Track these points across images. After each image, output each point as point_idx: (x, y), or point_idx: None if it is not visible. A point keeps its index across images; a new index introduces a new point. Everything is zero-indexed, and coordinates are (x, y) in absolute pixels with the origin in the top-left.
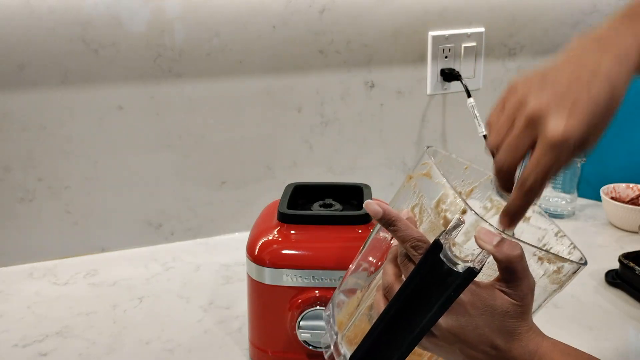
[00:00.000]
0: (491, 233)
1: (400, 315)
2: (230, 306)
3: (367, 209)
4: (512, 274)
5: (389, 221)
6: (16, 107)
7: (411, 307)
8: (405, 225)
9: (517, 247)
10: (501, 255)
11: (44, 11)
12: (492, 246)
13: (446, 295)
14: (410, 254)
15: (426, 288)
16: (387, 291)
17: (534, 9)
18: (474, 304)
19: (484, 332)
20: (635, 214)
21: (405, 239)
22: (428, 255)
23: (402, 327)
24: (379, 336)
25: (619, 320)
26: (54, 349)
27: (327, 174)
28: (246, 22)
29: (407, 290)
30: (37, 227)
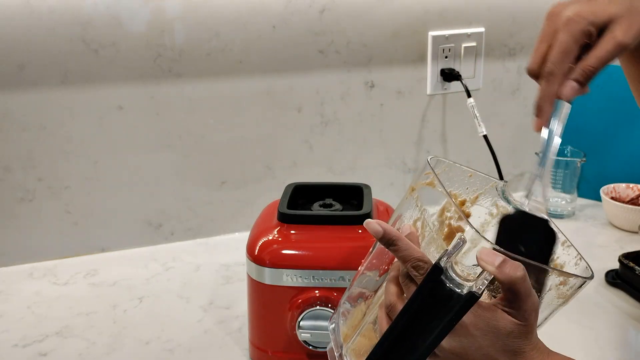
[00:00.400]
0: (493, 253)
1: (403, 337)
2: (230, 306)
3: (368, 229)
4: (515, 295)
5: (390, 241)
6: (16, 107)
7: (413, 330)
8: (406, 245)
9: (520, 268)
10: (503, 276)
11: (44, 11)
12: (494, 267)
13: (448, 318)
14: (411, 274)
15: (427, 311)
16: (389, 310)
17: (534, 9)
18: (477, 325)
19: (488, 352)
20: (635, 214)
21: (406, 259)
22: (429, 278)
23: (405, 349)
24: (383, 354)
25: (619, 320)
26: (54, 349)
27: (327, 174)
28: (246, 22)
29: (408, 313)
30: (37, 227)
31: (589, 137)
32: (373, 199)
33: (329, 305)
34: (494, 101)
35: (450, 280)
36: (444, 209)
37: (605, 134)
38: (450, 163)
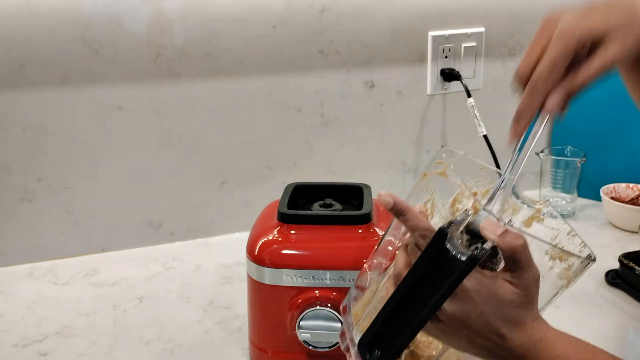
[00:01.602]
0: (495, 224)
1: (407, 298)
2: (230, 306)
3: (380, 200)
4: (516, 263)
5: (399, 211)
6: (16, 107)
7: (417, 291)
8: (414, 215)
9: (521, 237)
10: (505, 244)
11: (44, 11)
12: (496, 236)
13: (450, 281)
14: (418, 242)
15: (431, 273)
16: (397, 278)
17: (534, 9)
18: (479, 292)
19: (489, 319)
20: (635, 214)
21: (414, 228)
22: (433, 242)
23: (409, 310)
24: (387, 319)
25: (619, 320)
26: (54, 349)
27: (327, 174)
28: (246, 22)
29: (413, 275)
30: (37, 227)
31: (589, 137)
32: (373, 199)
33: (329, 305)
34: (494, 101)
35: (453, 247)
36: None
37: (605, 134)
38: (462, 155)
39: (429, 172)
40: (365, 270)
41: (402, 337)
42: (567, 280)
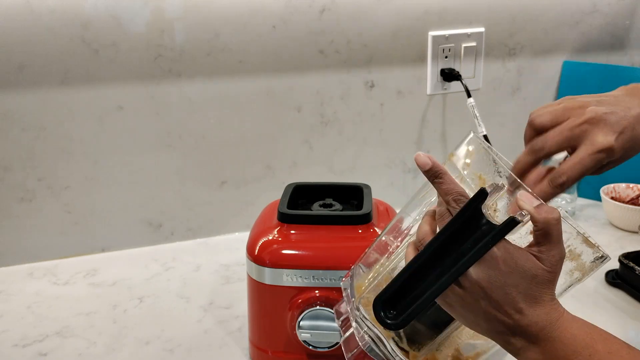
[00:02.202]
0: (532, 196)
1: (432, 259)
2: (230, 306)
3: (417, 161)
4: (547, 238)
5: (437, 173)
6: (16, 107)
7: (444, 252)
8: (450, 179)
9: (556, 211)
10: (540, 216)
11: (44, 11)
12: (532, 207)
13: (481, 244)
14: (451, 207)
15: (462, 235)
16: (420, 244)
17: (534, 9)
18: (506, 261)
19: (510, 291)
20: (635, 214)
21: (449, 191)
22: (471, 203)
23: (433, 270)
24: (408, 279)
25: (619, 320)
26: (54, 349)
27: (327, 174)
28: (246, 22)
29: (442, 236)
30: (37, 227)
31: None
32: (373, 199)
33: (329, 305)
34: (494, 101)
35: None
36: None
37: None
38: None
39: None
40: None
41: (420, 301)
42: (582, 273)
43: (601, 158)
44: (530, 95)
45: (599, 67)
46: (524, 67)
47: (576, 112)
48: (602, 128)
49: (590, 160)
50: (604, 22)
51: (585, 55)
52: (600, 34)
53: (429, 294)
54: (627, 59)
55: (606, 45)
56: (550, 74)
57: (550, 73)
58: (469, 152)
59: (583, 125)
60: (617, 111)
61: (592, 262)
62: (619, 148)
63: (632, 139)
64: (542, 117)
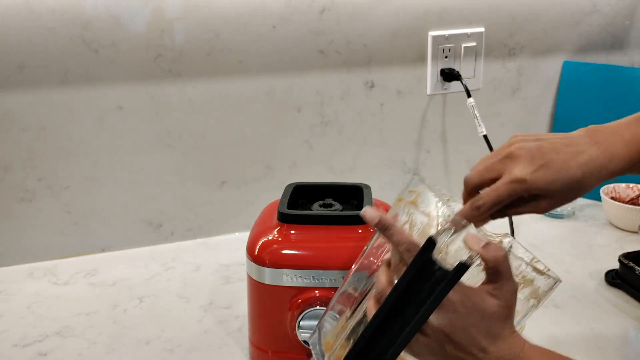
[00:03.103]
0: (477, 237)
1: (393, 311)
2: (230, 306)
3: (365, 216)
4: (498, 275)
5: (384, 226)
6: (16, 107)
7: (403, 304)
8: (399, 230)
9: (502, 249)
10: (489, 255)
11: (44, 11)
12: (480, 248)
13: (438, 290)
14: (403, 257)
15: (418, 285)
16: (379, 296)
17: (534, 9)
18: (464, 303)
19: (472, 332)
20: (635, 214)
21: (400, 242)
22: (421, 253)
23: (395, 324)
24: (372, 335)
25: (619, 320)
26: (54, 349)
27: (327, 174)
28: (246, 22)
29: (399, 288)
30: (37, 227)
31: None
32: (373, 199)
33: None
34: (494, 101)
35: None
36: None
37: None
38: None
39: (403, 198)
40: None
41: (388, 354)
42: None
43: (514, 188)
44: (530, 95)
45: (599, 67)
46: (524, 67)
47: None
48: (521, 162)
49: (505, 189)
50: (604, 22)
51: (585, 55)
52: (600, 34)
53: (395, 348)
54: (627, 59)
55: (606, 45)
56: (550, 74)
57: (550, 73)
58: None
59: (504, 160)
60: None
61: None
62: (536, 181)
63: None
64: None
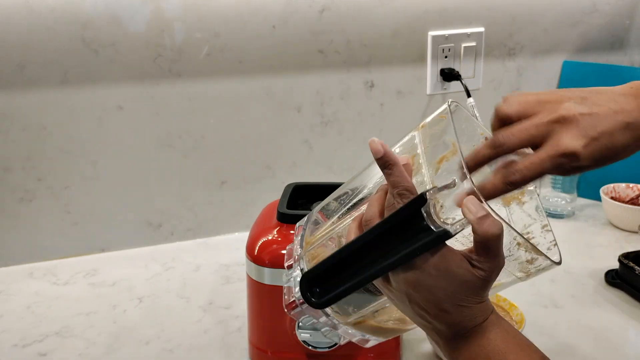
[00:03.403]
0: (479, 205)
1: (365, 250)
2: (230, 306)
3: (370, 146)
4: (485, 251)
5: (386, 163)
6: (16, 107)
7: (378, 246)
8: (400, 171)
9: (498, 226)
10: (480, 229)
11: (44, 11)
12: (475, 217)
13: (413, 247)
14: (395, 200)
15: (398, 234)
16: (365, 224)
17: (534, 9)
18: (437, 265)
19: (436, 294)
20: (635, 214)
21: (396, 184)
22: (410, 205)
23: (363, 262)
24: (338, 262)
25: (619, 320)
26: (54, 349)
27: (327, 174)
28: (246, 22)
29: (379, 229)
30: (37, 227)
31: None
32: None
33: None
34: (494, 101)
35: (428, 216)
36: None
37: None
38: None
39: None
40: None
41: (345, 287)
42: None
43: (562, 163)
44: None
45: (599, 67)
46: (524, 67)
47: (549, 107)
48: (572, 130)
49: (551, 164)
50: (604, 22)
51: (585, 55)
52: (600, 33)
53: (355, 283)
54: (627, 58)
55: (606, 45)
56: (550, 74)
57: (550, 73)
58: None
59: (551, 124)
60: (598, 113)
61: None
62: (586, 156)
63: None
64: (509, 108)
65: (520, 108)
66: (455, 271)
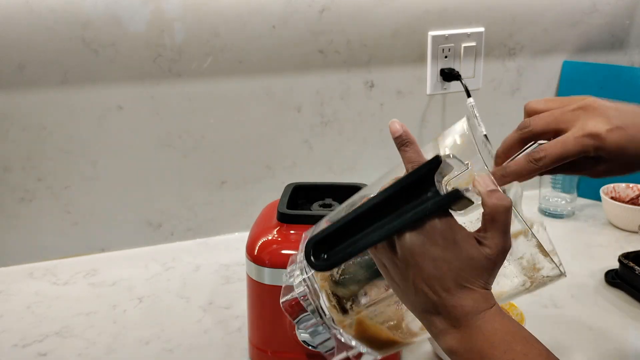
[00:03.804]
0: (490, 180)
1: (375, 211)
2: (230, 306)
3: (390, 127)
4: (493, 224)
5: (404, 141)
6: (16, 107)
7: (387, 209)
8: (416, 150)
9: (507, 200)
10: (490, 201)
11: (44, 11)
12: (485, 190)
13: (423, 207)
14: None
15: (408, 196)
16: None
17: (534, 9)
18: (444, 234)
19: (441, 267)
20: (635, 214)
21: (411, 159)
22: (424, 166)
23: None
24: (346, 224)
25: (619, 320)
26: (54, 349)
27: (327, 174)
28: (246, 22)
29: (390, 191)
30: (37, 227)
31: None
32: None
33: None
34: (493, 101)
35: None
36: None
37: None
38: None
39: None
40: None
41: (352, 247)
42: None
43: (586, 144)
44: (530, 95)
45: (599, 67)
46: (524, 67)
47: (575, 99)
48: (597, 116)
49: (575, 144)
50: (604, 22)
51: (585, 55)
52: (600, 33)
53: (360, 244)
54: (627, 58)
55: (606, 45)
56: (550, 74)
57: (550, 73)
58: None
59: (577, 110)
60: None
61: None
62: (610, 141)
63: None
64: (537, 103)
65: (548, 102)
66: (461, 244)
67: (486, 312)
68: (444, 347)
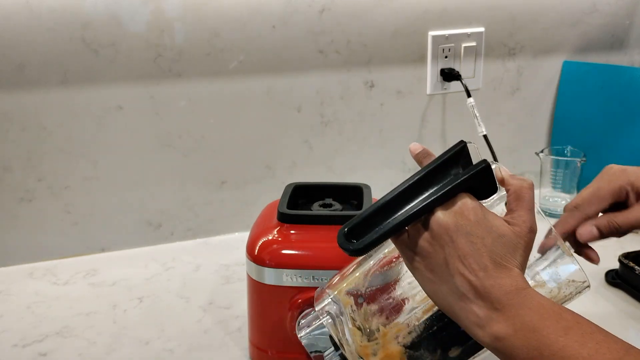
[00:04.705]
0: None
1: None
2: (230, 306)
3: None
4: (519, 201)
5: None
6: (16, 107)
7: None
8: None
9: (529, 181)
10: (513, 181)
11: (44, 11)
12: (508, 175)
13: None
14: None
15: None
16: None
17: (534, 9)
18: (476, 211)
19: (476, 243)
20: None
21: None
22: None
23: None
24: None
25: (619, 320)
26: (54, 349)
27: (327, 174)
28: (246, 22)
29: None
30: (37, 227)
31: (589, 137)
32: (373, 199)
33: None
34: (494, 101)
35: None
36: None
37: (605, 134)
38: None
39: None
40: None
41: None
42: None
43: None
44: (530, 95)
45: (599, 67)
46: (524, 67)
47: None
48: None
49: None
50: (604, 22)
51: (585, 55)
52: (600, 33)
53: (394, 222)
54: (627, 58)
55: (606, 45)
56: (550, 74)
57: (550, 73)
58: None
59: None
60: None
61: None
62: None
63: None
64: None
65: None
66: (491, 222)
67: (525, 289)
68: (488, 339)
